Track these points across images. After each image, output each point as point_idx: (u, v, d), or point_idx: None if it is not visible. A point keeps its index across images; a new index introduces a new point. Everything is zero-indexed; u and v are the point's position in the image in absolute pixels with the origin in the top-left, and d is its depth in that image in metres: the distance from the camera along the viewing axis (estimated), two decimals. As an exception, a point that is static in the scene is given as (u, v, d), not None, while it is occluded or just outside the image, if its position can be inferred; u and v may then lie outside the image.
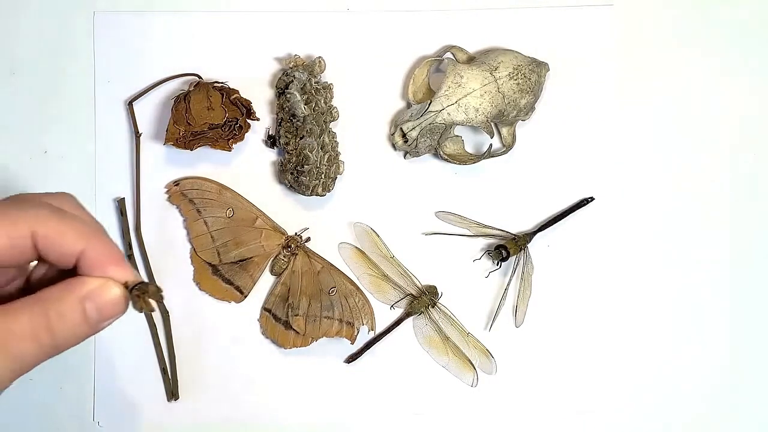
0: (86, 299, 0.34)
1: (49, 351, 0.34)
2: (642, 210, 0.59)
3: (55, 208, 0.35)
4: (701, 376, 0.58)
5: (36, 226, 0.34)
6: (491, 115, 0.55)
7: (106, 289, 0.34)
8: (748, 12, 0.60)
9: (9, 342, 0.33)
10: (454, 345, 0.57)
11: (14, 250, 0.34)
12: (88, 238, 0.34)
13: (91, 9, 0.58)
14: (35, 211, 0.34)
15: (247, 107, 0.56)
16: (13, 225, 0.33)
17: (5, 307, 0.33)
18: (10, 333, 0.33)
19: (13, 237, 0.33)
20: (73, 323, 0.34)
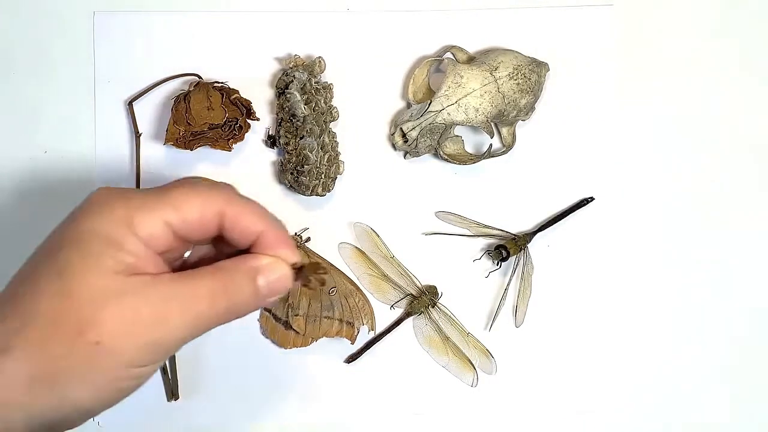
0: (258, 273, 0.38)
1: (222, 316, 0.37)
2: (642, 210, 0.59)
3: (238, 193, 0.39)
4: (701, 376, 0.58)
5: (225, 205, 0.37)
6: (491, 115, 0.55)
7: (277, 266, 0.38)
8: (749, 11, 0.60)
9: (190, 301, 0.36)
10: (454, 345, 0.57)
11: (202, 225, 0.37)
12: (267, 221, 0.38)
13: (91, 9, 0.58)
14: (225, 192, 0.38)
15: (247, 107, 0.56)
16: (205, 202, 0.37)
17: (186, 272, 0.37)
18: (191, 293, 0.36)
19: (205, 213, 0.37)
20: (245, 293, 0.38)
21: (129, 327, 0.35)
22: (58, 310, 0.35)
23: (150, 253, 0.37)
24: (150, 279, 0.36)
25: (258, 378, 0.57)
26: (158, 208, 0.37)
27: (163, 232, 0.37)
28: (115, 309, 0.35)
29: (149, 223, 0.36)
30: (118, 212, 0.36)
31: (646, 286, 0.58)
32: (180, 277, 0.37)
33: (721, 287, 0.59)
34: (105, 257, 0.35)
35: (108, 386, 0.36)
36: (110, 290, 0.35)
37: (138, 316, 0.35)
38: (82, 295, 0.35)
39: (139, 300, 0.35)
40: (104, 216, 0.36)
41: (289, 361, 0.57)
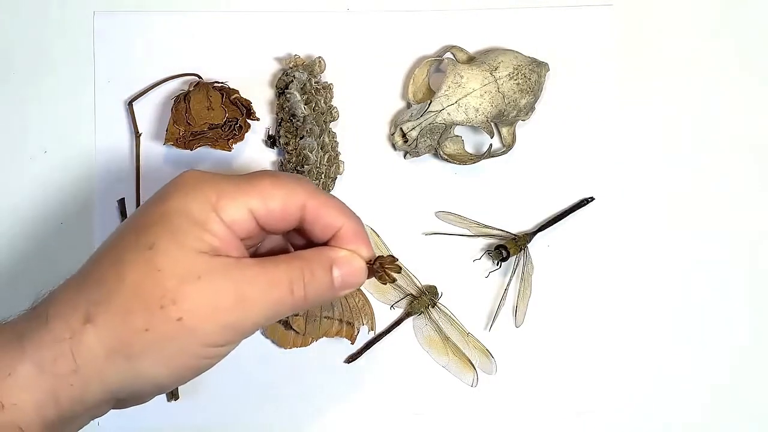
0: (334, 264, 0.39)
1: (298, 303, 0.38)
2: (642, 210, 0.59)
3: (319, 188, 0.40)
4: (702, 376, 0.58)
5: (308, 199, 0.39)
6: (491, 115, 0.55)
7: (352, 259, 0.39)
8: (749, 11, 0.60)
9: (270, 286, 0.37)
10: (454, 345, 0.57)
11: (284, 216, 0.39)
12: (346, 217, 0.40)
13: (91, 9, 0.58)
14: (309, 186, 0.39)
15: (247, 107, 0.56)
16: (289, 193, 0.38)
17: (266, 258, 0.38)
18: (271, 279, 0.37)
19: (288, 204, 0.38)
20: (321, 283, 0.39)
21: (210, 307, 0.36)
22: (143, 282, 0.36)
23: (233, 236, 0.38)
24: (233, 261, 0.37)
25: (258, 378, 0.57)
26: (244, 195, 0.38)
27: (246, 218, 0.38)
28: (199, 287, 0.36)
29: (234, 209, 0.37)
30: (206, 195, 0.37)
31: (646, 286, 0.58)
32: (261, 263, 0.38)
33: (721, 287, 0.59)
34: (191, 236, 0.36)
35: (183, 363, 0.37)
36: (195, 269, 0.36)
37: (220, 296, 0.36)
38: (168, 270, 0.36)
39: (222, 281, 0.36)
40: (192, 197, 0.37)
41: (289, 361, 0.57)
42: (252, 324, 0.38)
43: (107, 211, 0.57)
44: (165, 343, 0.36)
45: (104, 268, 0.37)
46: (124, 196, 0.57)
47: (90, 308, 0.36)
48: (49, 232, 0.57)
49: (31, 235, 0.57)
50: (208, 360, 0.38)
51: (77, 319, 0.36)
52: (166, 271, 0.36)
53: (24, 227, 0.57)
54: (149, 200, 0.39)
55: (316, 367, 0.57)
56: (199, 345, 0.37)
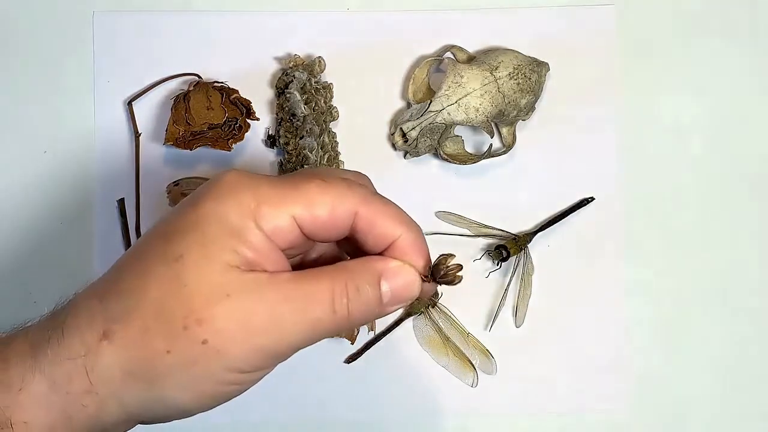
0: (383, 277, 0.35)
1: (341, 323, 0.35)
2: (642, 210, 0.59)
3: (373, 191, 0.36)
4: (702, 377, 0.58)
5: (360, 205, 0.35)
6: (491, 114, 0.55)
7: (404, 271, 0.35)
8: (750, 11, 0.60)
9: (308, 304, 0.34)
10: (454, 345, 0.57)
11: (332, 224, 0.35)
12: (404, 226, 0.36)
13: (90, 9, 0.58)
14: (361, 191, 0.35)
15: (246, 107, 0.56)
16: (337, 199, 0.34)
17: (305, 272, 0.34)
18: (310, 296, 0.34)
19: (336, 212, 0.34)
20: (367, 299, 0.35)
21: (240, 329, 0.33)
22: (166, 299, 0.33)
23: (272, 247, 0.34)
24: (267, 278, 0.34)
25: (258, 378, 0.57)
26: (287, 202, 0.34)
27: (289, 227, 0.34)
28: (227, 307, 0.33)
29: (276, 217, 0.34)
30: (245, 201, 0.34)
31: (647, 286, 0.58)
32: (299, 278, 0.34)
33: (721, 287, 0.59)
34: (224, 248, 0.33)
35: (208, 390, 0.35)
36: (225, 285, 0.33)
37: (251, 318, 0.33)
38: (195, 286, 0.33)
39: (255, 301, 0.33)
40: (229, 203, 0.34)
41: (289, 361, 0.57)
42: (288, 348, 0.35)
43: (107, 211, 0.57)
44: (188, 367, 0.33)
45: (127, 278, 0.34)
46: (124, 196, 0.57)
47: (108, 324, 0.33)
48: (49, 232, 0.57)
49: (31, 235, 0.57)
50: (236, 386, 0.35)
51: (94, 334, 0.33)
52: (192, 287, 0.33)
53: (24, 227, 0.57)
54: (183, 202, 0.35)
55: (316, 367, 0.57)
56: (226, 370, 0.34)
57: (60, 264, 0.57)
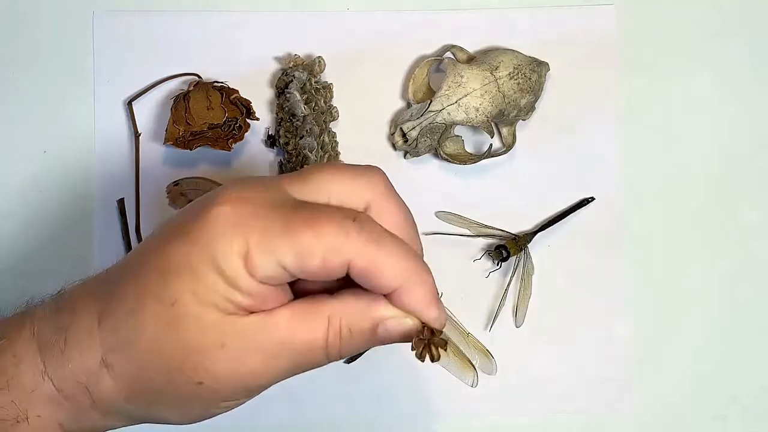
0: (381, 325, 0.35)
1: (330, 360, 0.35)
2: (642, 210, 0.59)
3: (375, 235, 0.33)
4: (701, 377, 0.58)
5: (357, 258, 0.33)
6: (491, 114, 0.55)
7: (403, 324, 0.34)
8: (751, 11, 0.60)
9: (302, 353, 0.35)
10: (454, 345, 0.57)
11: (326, 273, 0.33)
12: (406, 277, 0.34)
13: (90, 9, 0.58)
14: (361, 239, 0.33)
15: (246, 107, 0.56)
16: (332, 252, 0.32)
17: (301, 308, 0.34)
18: (305, 344, 0.34)
19: (330, 263, 0.33)
20: (360, 340, 0.35)
21: (234, 375, 0.34)
22: (162, 341, 0.34)
23: (266, 289, 0.33)
24: (262, 323, 0.34)
25: (258, 378, 0.57)
26: (278, 250, 0.32)
27: (280, 275, 0.33)
28: (223, 356, 0.33)
29: (266, 267, 0.33)
30: (236, 246, 0.33)
31: (647, 286, 0.58)
32: (295, 321, 0.34)
33: (722, 287, 0.59)
34: (217, 296, 0.33)
35: (199, 414, 0.37)
36: (220, 336, 0.33)
37: (245, 366, 0.34)
38: (190, 334, 0.33)
39: (250, 351, 0.34)
40: (220, 247, 0.33)
41: (289, 361, 0.57)
42: (276, 380, 0.36)
43: (107, 211, 0.57)
44: (183, 400, 0.36)
45: (124, 299, 0.35)
46: (124, 196, 0.57)
47: (107, 353, 0.35)
48: (49, 232, 0.57)
49: (31, 235, 0.57)
50: (226, 408, 0.38)
51: (93, 359, 0.35)
52: (188, 336, 0.33)
53: (24, 227, 0.57)
54: (176, 232, 0.34)
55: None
56: (218, 401, 0.36)
57: (60, 264, 0.57)
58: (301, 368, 0.36)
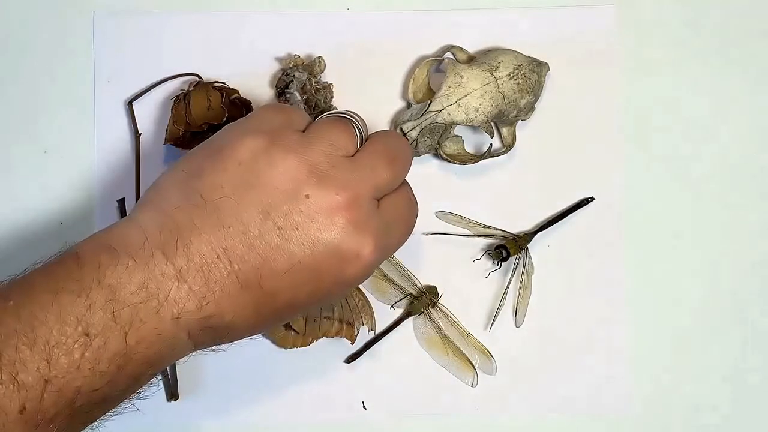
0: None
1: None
2: (642, 210, 0.59)
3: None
4: (703, 377, 0.58)
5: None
6: (491, 114, 0.55)
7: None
8: (752, 11, 0.60)
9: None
10: (454, 345, 0.57)
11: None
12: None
13: (90, 9, 0.59)
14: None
15: (246, 107, 0.56)
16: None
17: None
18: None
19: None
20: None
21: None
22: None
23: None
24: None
25: (258, 378, 0.57)
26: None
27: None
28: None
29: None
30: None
31: (647, 286, 0.58)
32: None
33: (723, 287, 0.59)
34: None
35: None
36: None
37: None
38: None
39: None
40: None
41: (289, 361, 0.57)
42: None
43: (107, 211, 0.57)
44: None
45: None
46: (124, 196, 0.57)
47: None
48: (49, 232, 0.57)
49: (31, 235, 0.57)
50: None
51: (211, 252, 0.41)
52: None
53: (24, 227, 0.57)
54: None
55: (316, 367, 0.57)
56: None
57: (60, 264, 0.57)
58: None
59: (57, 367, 0.37)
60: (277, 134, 0.43)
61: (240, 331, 0.43)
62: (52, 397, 0.37)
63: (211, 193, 0.41)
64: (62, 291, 0.38)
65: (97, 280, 0.39)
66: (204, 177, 0.42)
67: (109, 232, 0.42)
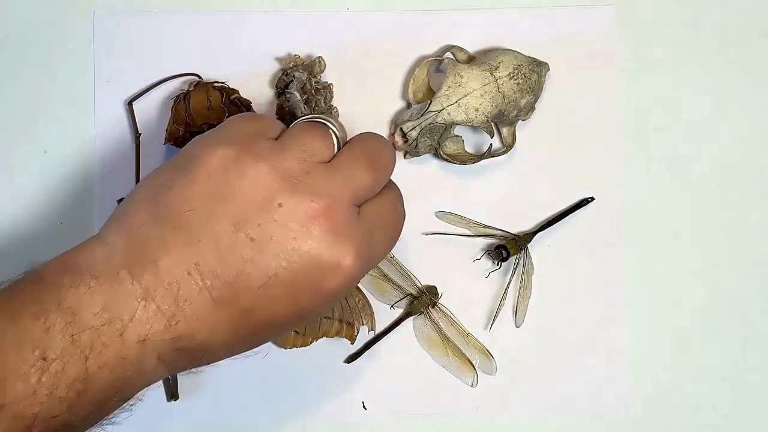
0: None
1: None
2: (642, 210, 0.59)
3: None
4: (703, 377, 0.58)
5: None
6: (491, 114, 0.55)
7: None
8: (753, 11, 0.60)
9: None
10: (454, 345, 0.57)
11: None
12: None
13: (90, 9, 0.59)
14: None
15: (246, 107, 0.56)
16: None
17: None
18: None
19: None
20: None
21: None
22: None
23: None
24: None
25: (258, 378, 0.57)
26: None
27: None
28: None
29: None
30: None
31: (647, 286, 0.58)
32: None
33: (723, 287, 0.59)
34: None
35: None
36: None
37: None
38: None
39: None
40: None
41: (289, 361, 0.57)
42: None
43: (107, 211, 0.57)
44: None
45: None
46: (124, 196, 0.57)
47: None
48: (49, 232, 0.57)
49: (31, 235, 0.57)
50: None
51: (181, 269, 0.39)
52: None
53: (24, 227, 0.57)
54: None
55: (316, 367, 0.57)
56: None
57: (60, 264, 0.57)
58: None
59: (12, 393, 0.35)
60: (247, 143, 0.41)
61: (216, 351, 0.41)
62: (5, 423, 0.35)
63: (180, 207, 0.39)
64: (21, 313, 0.37)
65: (57, 301, 0.37)
66: (173, 190, 0.40)
67: (75, 251, 0.41)
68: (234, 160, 0.40)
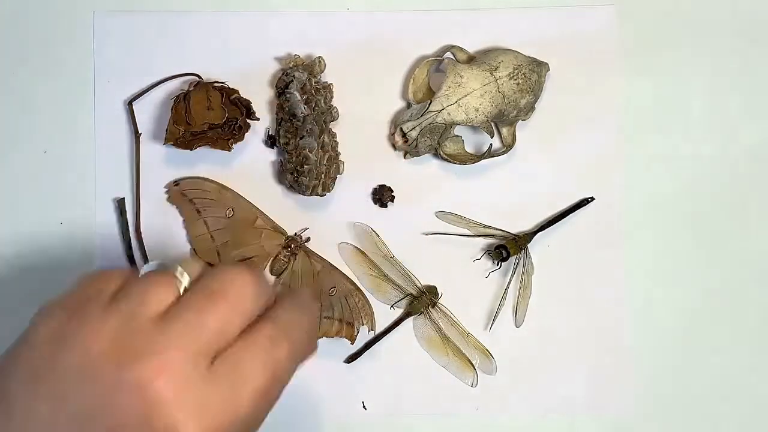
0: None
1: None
2: (642, 210, 0.59)
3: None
4: (703, 377, 0.58)
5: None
6: (491, 114, 0.55)
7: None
8: (752, 11, 0.60)
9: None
10: (454, 345, 0.57)
11: None
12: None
13: (90, 9, 0.59)
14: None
15: (246, 107, 0.56)
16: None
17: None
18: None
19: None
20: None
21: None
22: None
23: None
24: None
25: (258, 378, 0.57)
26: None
27: None
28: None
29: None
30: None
31: (647, 286, 0.58)
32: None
33: (721, 287, 0.59)
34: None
35: None
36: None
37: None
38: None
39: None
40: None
41: (289, 361, 0.57)
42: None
43: (107, 211, 0.57)
44: None
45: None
46: (124, 196, 0.57)
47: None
48: (49, 232, 0.57)
49: (31, 235, 0.57)
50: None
51: None
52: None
53: (24, 227, 0.57)
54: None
55: (316, 367, 0.57)
56: None
57: (60, 264, 0.57)
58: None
59: None
60: (77, 308, 0.35)
61: None
62: None
63: (4, 385, 0.34)
64: None
65: None
66: (3, 361, 0.35)
67: None
68: (58, 329, 0.35)
